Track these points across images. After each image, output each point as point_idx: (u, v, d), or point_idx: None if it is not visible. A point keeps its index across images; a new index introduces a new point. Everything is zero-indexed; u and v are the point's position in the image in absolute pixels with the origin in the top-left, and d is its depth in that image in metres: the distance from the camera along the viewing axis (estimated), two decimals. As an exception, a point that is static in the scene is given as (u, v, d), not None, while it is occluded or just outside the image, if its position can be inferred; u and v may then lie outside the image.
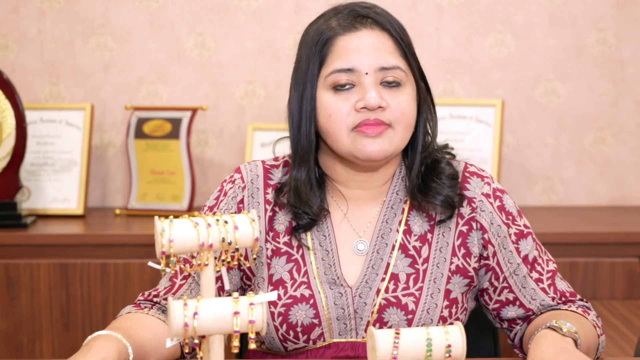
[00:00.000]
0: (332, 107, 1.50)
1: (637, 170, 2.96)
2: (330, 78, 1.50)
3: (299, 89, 1.53)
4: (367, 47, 1.50)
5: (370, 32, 1.51)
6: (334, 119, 1.50)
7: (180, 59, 2.94)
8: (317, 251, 1.54)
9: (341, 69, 1.49)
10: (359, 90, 1.49)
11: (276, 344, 1.52)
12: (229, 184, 1.60)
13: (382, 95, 1.48)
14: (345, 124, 1.49)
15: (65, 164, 2.84)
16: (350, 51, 1.49)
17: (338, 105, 1.49)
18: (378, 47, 1.50)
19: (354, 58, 1.49)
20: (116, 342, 1.32)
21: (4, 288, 2.55)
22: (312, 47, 1.52)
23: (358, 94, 1.49)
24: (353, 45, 1.50)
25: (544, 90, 2.94)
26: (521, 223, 1.57)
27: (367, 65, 1.49)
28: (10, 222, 2.64)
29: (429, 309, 1.51)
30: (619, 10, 2.90)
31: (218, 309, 1.18)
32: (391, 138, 1.50)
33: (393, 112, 1.49)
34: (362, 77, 1.49)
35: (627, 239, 2.59)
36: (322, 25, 1.53)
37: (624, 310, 2.47)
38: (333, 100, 1.50)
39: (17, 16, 2.92)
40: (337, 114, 1.49)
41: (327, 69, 1.51)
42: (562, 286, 1.56)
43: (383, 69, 1.49)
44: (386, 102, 1.48)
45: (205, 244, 1.21)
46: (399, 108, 1.49)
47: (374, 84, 1.49)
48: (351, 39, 1.50)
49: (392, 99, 1.49)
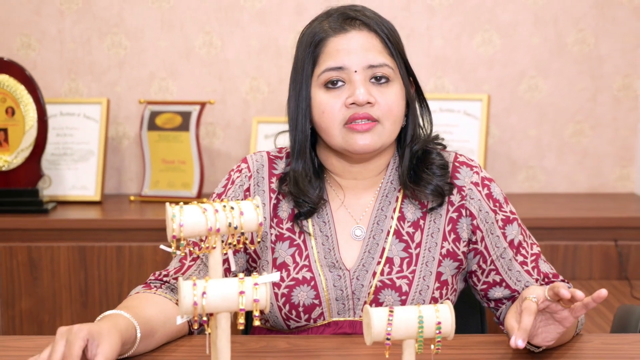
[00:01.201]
0: (325, 104, 1.49)
1: (613, 160, 2.96)
2: (323, 76, 1.50)
3: (296, 87, 1.53)
4: (356, 46, 1.49)
5: (359, 33, 1.50)
6: (326, 115, 1.49)
7: (189, 56, 2.93)
8: (317, 237, 1.54)
9: (332, 67, 1.49)
10: (349, 87, 1.49)
11: (280, 322, 1.52)
12: (236, 173, 1.60)
13: (370, 92, 1.48)
14: (337, 119, 1.49)
15: (83, 154, 2.83)
16: (340, 51, 1.49)
17: (330, 102, 1.49)
18: (366, 47, 1.49)
19: (344, 57, 1.48)
20: (123, 319, 1.32)
21: (26, 269, 2.55)
22: (306, 48, 1.52)
23: (348, 90, 1.49)
24: (343, 45, 1.49)
25: (527, 86, 2.93)
26: (507, 209, 1.56)
27: (356, 63, 1.48)
28: (32, 208, 2.64)
29: (422, 291, 1.50)
30: (598, 11, 2.89)
31: (225, 288, 1.17)
32: (380, 133, 1.49)
33: (381, 107, 1.48)
34: (351, 74, 1.48)
35: (603, 224, 2.59)
36: (315, 27, 1.53)
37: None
38: (325, 98, 1.50)
39: (39, 17, 2.91)
40: (329, 110, 1.49)
41: (320, 68, 1.50)
42: (545, 268, 1.56)
43: (371, 67, 1.49)
44: (374, 98, 1.48)
45: (213, 229, 1.20)
46: (387, 104, 1.49)
47: (363, 81, 1.48)
48: (341, 39, 1.50)
49: (380, 95, 1.49)
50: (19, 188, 2.67)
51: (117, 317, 1.32)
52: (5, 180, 2.68)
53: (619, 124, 2.94)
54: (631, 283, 2.51)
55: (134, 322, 1.33)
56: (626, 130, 2.94)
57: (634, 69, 2.91)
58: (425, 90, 2.87)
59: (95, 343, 1.24)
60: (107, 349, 1.24)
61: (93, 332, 1.24)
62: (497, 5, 2.89)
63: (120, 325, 1.30)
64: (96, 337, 1.24)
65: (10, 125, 2.68)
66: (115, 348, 1.25)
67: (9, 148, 2.68)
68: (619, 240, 2.58)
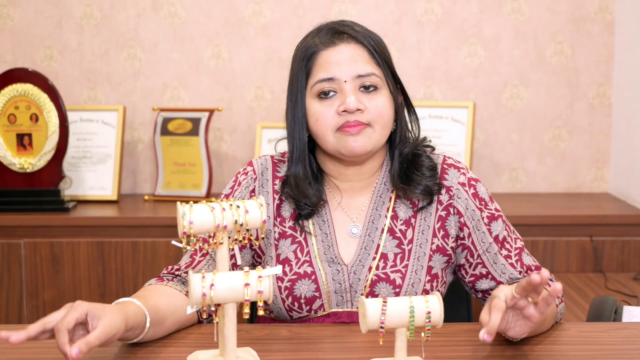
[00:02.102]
0: (319, 112, 1.49)
1: (588, 162, 2.95)
2: (316, 87, 1.49)
3: (292, 98, 1.53)
4: (345, 58, 1.49)
5: (347, 45, 1.49)
6: (320, 122, 1.49)
7: (199, 67, 2.93)
8: (317, 234, 1.53)
9: (324, 78, 1.49)
10: (340, 96, 1.48)
11: (283, 313, 1.51)
12: (242, 175, 1.59)
13: (360, 99, 1.48)
14: (330, 125, 1.49)
15: (102, 157, 2.83)
16: (330, 63, 1.49)
17: (323, 111, 1.49)
18: (354, 58, 1.49)
19: (334, 69, 1.48)
20: (132, 305, 1.31)
21: (49, 263, 2.55)
22: (300, 62, 1.53)
23: (339, 99, 1.48)
24: (333, 58, 1.49)
25: (509, 94, 2.93)
26: (492, 207, 1.56)
27: (345, 74, 1.48)
28: (54, 206, 2.64)
29: (414, 283, 1.50)
30: (574, 26, 2.89)
31: (231, 281, 1.17)
32: (370, 135, 1.49)
33: (371, 113, 1.48)
34: (342, 84, 1.48)
35: (580, 221, 2.58)
36: (307, 42, 1.53)
37: (578, 282, 2.47)
38: (319, 107, 1.49)
39: (60, 30, 2.91)
40: (323, 118, 1.49)
41: (313, 80, 1.50)
42: (528, 261, 1.55)
43: (360, 76, 1.48)
44: (364, 105, 1.48)
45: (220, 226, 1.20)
46: (376, 109, 1.48)
47: (352, 90, 1.48)
48: (331, 52, 1.49)
49: (370, 101, 1.48)
50: (42, 188, 2.66)
51: (127, 303, 1.32)
52: (30, 181, 2.68)
53: (594, 129, 2.94)
54: (605, 275, 2.51)
55: (144, 309, 1.32)
56: (601, 135, 2.94)
57: (607, 78, 2.91)
58: (416, 98, 2.90)
59: (96, 319, 1.21)
60: (106, 322, 1.21)
61: (94, 309, 1.22)
62: (481, 21, 2.89)
63: (128, 309, 1.29)
64: (97, 314, 1.22)
65: (34, 130, 2.67)
66: (115, 324, 1.22)
67: (33, 151, 2.68)
68: (594, 236, 2.58)
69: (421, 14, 2.89)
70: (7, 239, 2.55)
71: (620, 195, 2.86)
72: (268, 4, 2.90)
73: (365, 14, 2.87)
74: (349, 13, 2.87)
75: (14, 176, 2.67)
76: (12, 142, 2.68)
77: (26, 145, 2.68)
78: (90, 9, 2.90)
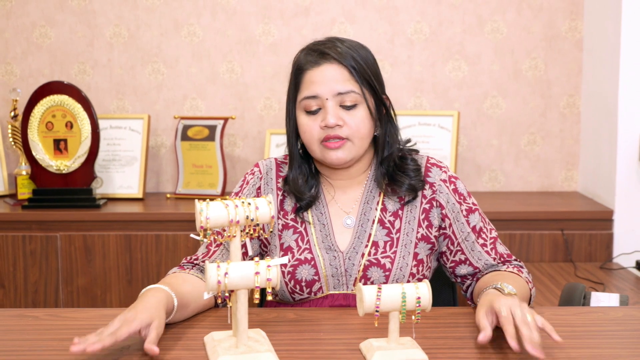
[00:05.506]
0: (305, 125, 1.50)
1: (560, 165, 2.95)
2: (302, 103, 1.50)
3: (288, 109, 1.54)
4: (327, 78, 1.47)
5: (330, 66, 1.48)
6: (307, 134, 1.50)
7: (215, 80, 2.92)
8: (316, 225, 1.54)
9: (308, 96, 1.48)
10: (323, 112, 1.48)
11: (286, 295, 1.51)
12: (250, 175, 1.60)
13: (339, 115, 1.47)
14: (315, 138, 1.49)
15: (129, 160, 2.83)
16: (314, 83, 1.48)
17: (310, 124, 1.49)
18: (335, 78, 1.47)
19: (317, 87, 1.47)
20: (164, 292, 1.31)
21: (82, 253, 2.55)
22: (291, 76, 1.53)
23: (322, 115, 1.48)
24: (317, 77, 1.48)
25: (490, 104, 2.92)
26: (470, 202, 1.56)
27: (327, 92, 1.47)
28: (87, 203, 2.63)
29: (402, 268, 1.50)
30: (547, 44, 2.88)
31: (243, 270, 1.17)
32: (349, 148, 1.49)
33: (350, 128, 1.48)
34: (324, 101, 1.48)
35: (552, 217, 2.58)
36: (299, 58, 1.52)
37: (550, 270, 2.46)
38: (306, 120, 1.50)
39: (92, 48, 2.91)
40: (309, 131, 1.49)
41: (300, 96, 1.50)
42: (501, 249, 1.56)
43: (340, 94, 1.47)
44: (343, 121, 1.47)
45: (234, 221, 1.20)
46: (354, 124, 1.48)
47: (334, 106, 1.47)
48: (315, 72, 1.48)
49: (349, 117, 1.48)
50: (76, 187, 2.66)
51: (160, 291, 1.31)
52: (65, 181, 2.67)
53: (565, 135, 2.93)
54: (575, 265, 2.50)
55: (173, 295, 1.32)
56: (571, 140, 2.93)
57: (577, 90, 2.90)
58: (406, 107, 2.89)
59: (147, 327, 1.21)
60: (156, 324, 1.21)
61: (144, 322, 1.21)
62: (464, 39, 2.88)
63: (164, 299, 1.29)
64: (147, 322, 1.21)
65: (69, 136, 2.67)
66: (162, 323, 1.24)
67: (68, 155, 2.68)
68: (565, 230, 2.57)
69: (411, 33, 2.89)
70: (45, 232, 2.55)
71: (588, 194, 2.85)
72: (276, 25, 2.89)
73: (362, 34, 2.86)
74: (348, 32, 2.86)
75: (51, 177, 2.67)
76: (49, 146, 2.67)
77: (62, 150, 2.68)
78: (119, 29, 2.90)
